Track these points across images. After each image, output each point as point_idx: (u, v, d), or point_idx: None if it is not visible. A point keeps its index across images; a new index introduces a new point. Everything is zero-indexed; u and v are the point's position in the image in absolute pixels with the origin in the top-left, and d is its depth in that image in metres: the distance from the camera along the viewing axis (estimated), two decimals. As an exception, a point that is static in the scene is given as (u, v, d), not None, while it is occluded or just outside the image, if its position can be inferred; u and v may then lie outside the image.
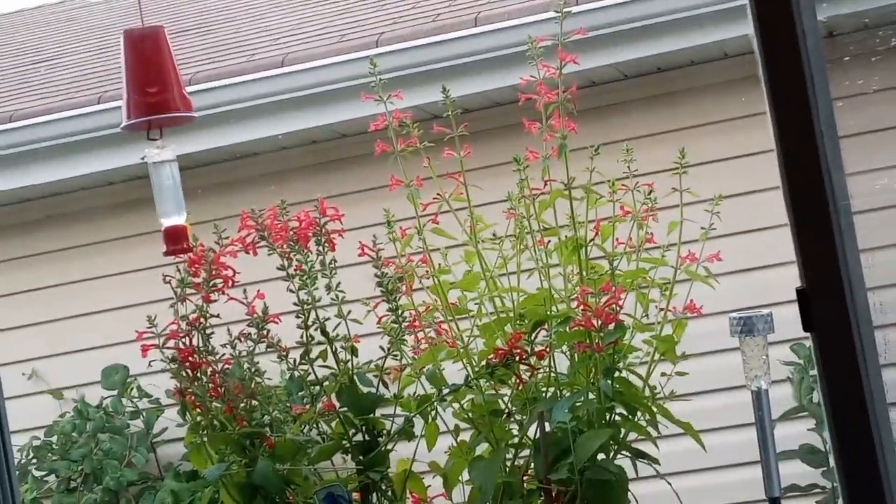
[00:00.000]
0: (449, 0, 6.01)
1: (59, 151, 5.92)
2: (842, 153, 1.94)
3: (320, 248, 2.84)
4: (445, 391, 2.79)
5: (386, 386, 2.85)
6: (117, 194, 6.11)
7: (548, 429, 2.72)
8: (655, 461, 2.80)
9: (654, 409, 2.79)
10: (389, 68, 4.29)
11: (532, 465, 2.76)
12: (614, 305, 2.71)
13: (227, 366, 2.80)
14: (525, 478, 2.78)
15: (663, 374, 2.84)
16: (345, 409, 2.82)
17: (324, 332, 2.81)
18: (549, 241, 2.86)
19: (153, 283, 2.99)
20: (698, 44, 5.31)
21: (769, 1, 1.81)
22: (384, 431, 2.83)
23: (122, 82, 2.73)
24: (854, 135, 1.99)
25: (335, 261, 2.84)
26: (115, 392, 5.99)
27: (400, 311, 2.82)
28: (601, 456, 2.74)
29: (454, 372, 2.83)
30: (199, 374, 2.79)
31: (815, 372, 1.92)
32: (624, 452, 2.79)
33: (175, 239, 2.75)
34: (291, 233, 2.82)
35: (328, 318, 2.81)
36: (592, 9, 5.25)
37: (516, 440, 2.80)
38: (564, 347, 2.81)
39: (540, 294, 2.81)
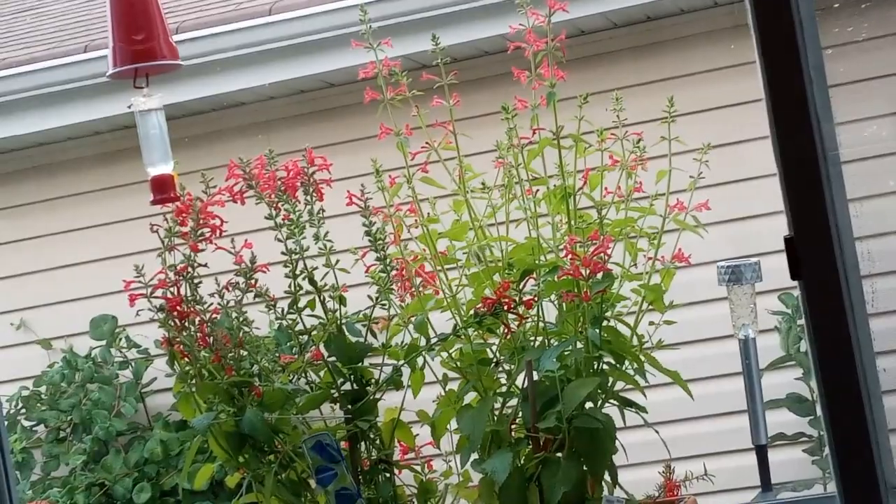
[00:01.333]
0: (437, -52, 5.96)
1: (45, 101, 5.89)
2: (831, 102, 1.94)
3: (308, 198, 2.83)
4: (434, 340, 2.79)
5: (374, 335, 2.85)
6: (104, 144, 6.09)
7: (536, 377, 2.73)
8: (643, 410, 2.81)
9: (642, 358, 2.80)
10: (378, 17, 4.26)
11: (520, 413, 2.77)
12: (602, 254, 2.71)
13: (215, 315, 2.80)
14: (513, 426, 2.79)
15: (651, 324, 2.84)
16: (333, 358, 2.82)
17: (312, 282, 2.81)
18: (538, 191, 2.85)
19: (141, 233, 2.98)
20: (687, -8, 5.30)
21: (759, -53, 1.80)
22: (372, 380, 2.84)
23: (108, 30, 2.72)
24: (843, 83, 1.98)
25: (323, 210, 2.83)
26: (103, 342, 5.99)
27: (388, 261, 2.82)
28: (589, 404, 2.75)
29: (443, 321, 2.84)
30: (187, 324, 2.78)
31: (802, 321, 1.92)
32: (612, 401, 2.80)
33: (162, 188, 2.74)
34: (279, 182, 2.81)
35: (316, 268, 2.81)
36: (582, -44, 5.22)
37: (504, 389, 2.81)
38: (553, 296, 2.81)
39: (528, 243, 2.81)
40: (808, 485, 4.93)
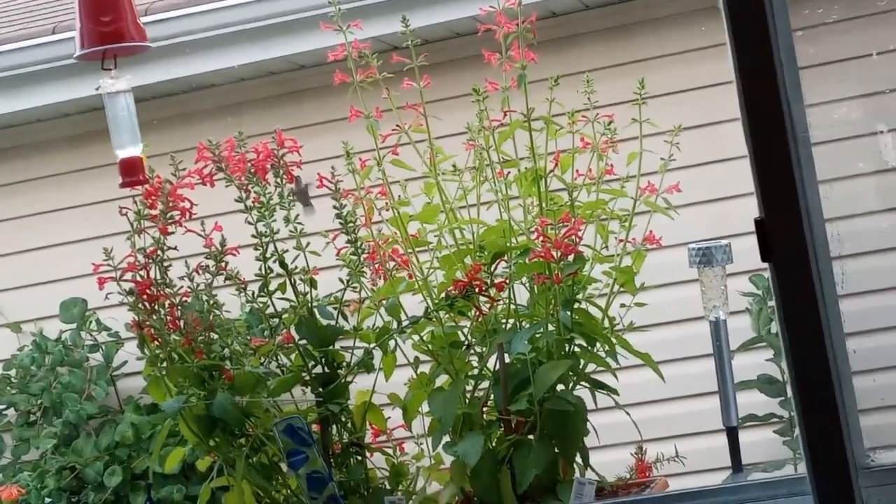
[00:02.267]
0: (408, -71, 5.94)
1: (12, 83, 5.84)
2: (801, 84, 1.94)
3: (278, 181, 2.82)
4: (405, 323, 2.79)
5: (345, 318, 2.85)
6: (73, 126, 6.05)
7: (507, 360, 2.73)
8: (614, 392, 2.82)
9: (613, 341, 2.80)
10: (348, -2, 4.24)
11: (492, 396, 2.77)
12: (573, 237, 2.71)
13: (185, 298, 2.78)
14: (485, 409, 2.79)
15: (622, 306, 2.85)
16: (304, 341, 2.81)
17: (282, 265, 2.80)
18: (509, 173, 2.85)
19: (110, 216, 2.96)
20: (660, -27, 5.29)
21: (730, -71, 1.80)
22: (343, 363, 2.83)
23: (76, 12, 2.69)
24: (814, 65, 1.98)
25: (293, 192, 2.82)
26: (73, 325, 5.96)
27: (359, 244, 2.81)
28: (560, 387, 2.75)
29: (414, 304, 2.83)
30: (156, 307, 2.77)
31: (773, 303, 1.92)
32: (583, 383, 2.81)
33: (131, 171, 2.73)
34: (249, 164, 2.80)
35: (287, 251, 2.80)
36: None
37: (476, 372, 2.81)
38: (524, 279, 2.81)
39: (499, 226, 2.81)
40: (779, 465, 4.95)
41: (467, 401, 2.79)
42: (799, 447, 1.95)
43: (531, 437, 2.71)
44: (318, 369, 2.82)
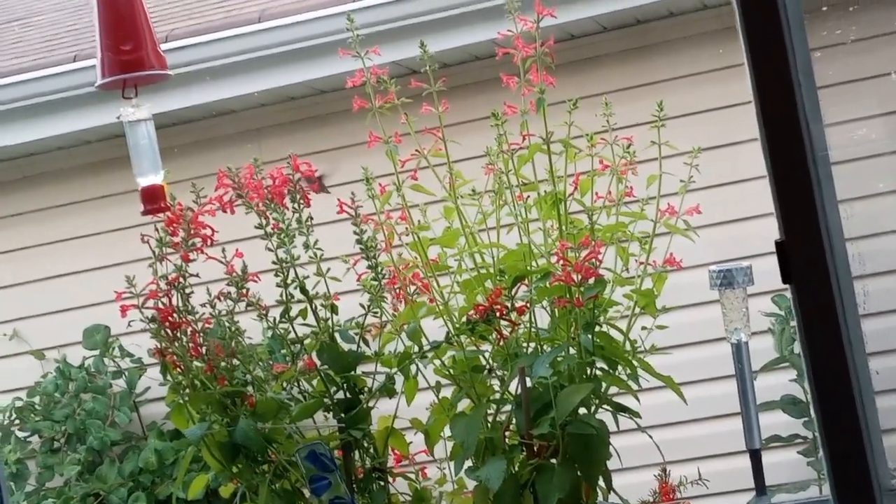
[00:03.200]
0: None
1: (34, 111, 5.88)
2: (820, 104, 1.94)
3: (296, 205, 2.82)
4: (426, 347, 2.78)
5: (366, 343, 2.85)
6: (94, 153, 6.08)
7: (529, 384, 2.72)
8: (636, 415, 2.81)
9: (635, 363, 2.79)
10: (366, 23, 4.26)
11: (514, 420, 2.77)
12: (594, 260, 2.71)
13: (207, 325, 2.79)
14: (507, 433, 2.78)
15: (644, 328, 2.84)
16: (326, 367, 2.81)
17: (303, 291, 2.80)
18: (529, 196, 2.85)
19: (132, 243, 2.97)
20: (677, -5, 5.30)
21: (746, -48, 1.80)
22: (365, 389, 2.83)
23: (96, 41, 2.71)
24: (832, 85, 1.98)
25: (311, 218, 2.83)
26: (96, 352, 5.98)
27: (379, 269, 2.81)
28: (582, 410, 2.74)
29: (435, 328, 2.83)
30: (178, 334, 2.78)
31: (795, 323, 1.92)
32: (605, 406, 2.80)
33: (152, 198, 2.73)
34: (266, 191, 2.81)
35: (307, 277, 2.80)
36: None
37: (498, 396, 2.81)
38: (545, 302, 2.80)
39: (520, 249, 2.80)
40: (804, 486, 4.93)
41: (489, 425, 2.78)
42: (823, 468, 1.94)
43: (554, 461, 2.70)
44: (340, 395, 2.82)
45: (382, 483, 2.84)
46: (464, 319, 2.77)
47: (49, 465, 5.92)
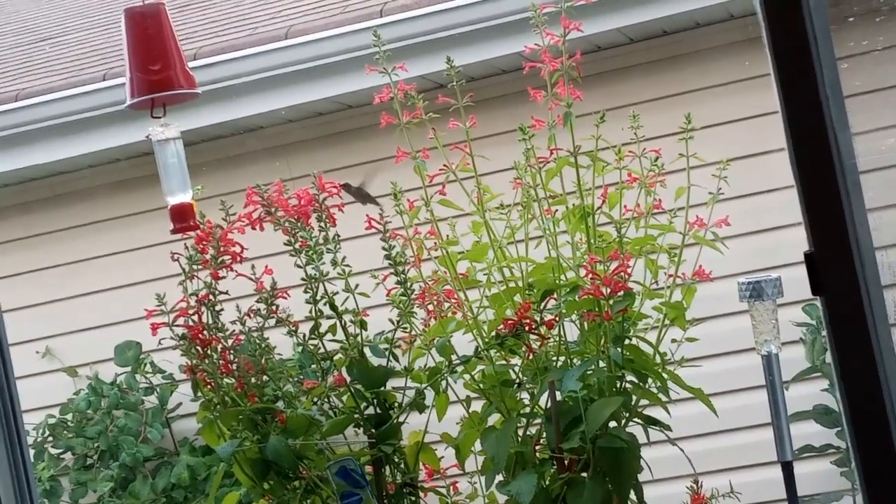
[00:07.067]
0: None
1: (63, 130, 5.91)
2: (847, 113, 1.93)
3: (322, 224, 2.83)
4: (456, 362, 2.79)
5: (396, 359, 2.85)
6: (123, 172, 6.11)
7: (559, 398, 2.72)
8: (667, 427, 2.80)
9: (665, 376, 2.79)
10: (393, 38, 4.27)
11: (544, 434, 2.76)
12: (623, 273, 2.71)
13: (237, 342, 2.80)
14: (537, 447, 2.78)
15: (673, 341, 2.84)
16: (356, 382, 2.82)
17: (332, 307, 2.81)
18: (557, 210, 2.85)
19: (162, 260, 2.99)
20: (704, 5, 5.28)
21: (771, -37, 1.80)
22: (395, 404, 2.84)
23: (125, 60, 2.72)
24: (859, 94, 1.97)
25: (338, 235, 2.83)
26: (128, 368, 6.01)
27: (408, 284, 2.82)
28: (612, 423, 2.74)
29: (464, 343, 2.83)
30: (209, 351, 2.79)
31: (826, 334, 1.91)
32: (635, 419, 2.79)
33: (182, 217, 2.74)
34: (293, 210, 2.81)
35: (336, 293, 2.81)
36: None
37: (528, 410, 2.80)
38: (574, 316, 2.80)
39: (548, 263, 2.80)
40: (837, 497, 4.90)
41: (520, 439, 2.78)
42: (856, 478, 1.93)
43: (584, 474, 2.70)
44: (371, 410, 2.83)
45: (414, 498, 2.84)
46: (493, 334, 2.77)
47: (82, 482, 5.95)
